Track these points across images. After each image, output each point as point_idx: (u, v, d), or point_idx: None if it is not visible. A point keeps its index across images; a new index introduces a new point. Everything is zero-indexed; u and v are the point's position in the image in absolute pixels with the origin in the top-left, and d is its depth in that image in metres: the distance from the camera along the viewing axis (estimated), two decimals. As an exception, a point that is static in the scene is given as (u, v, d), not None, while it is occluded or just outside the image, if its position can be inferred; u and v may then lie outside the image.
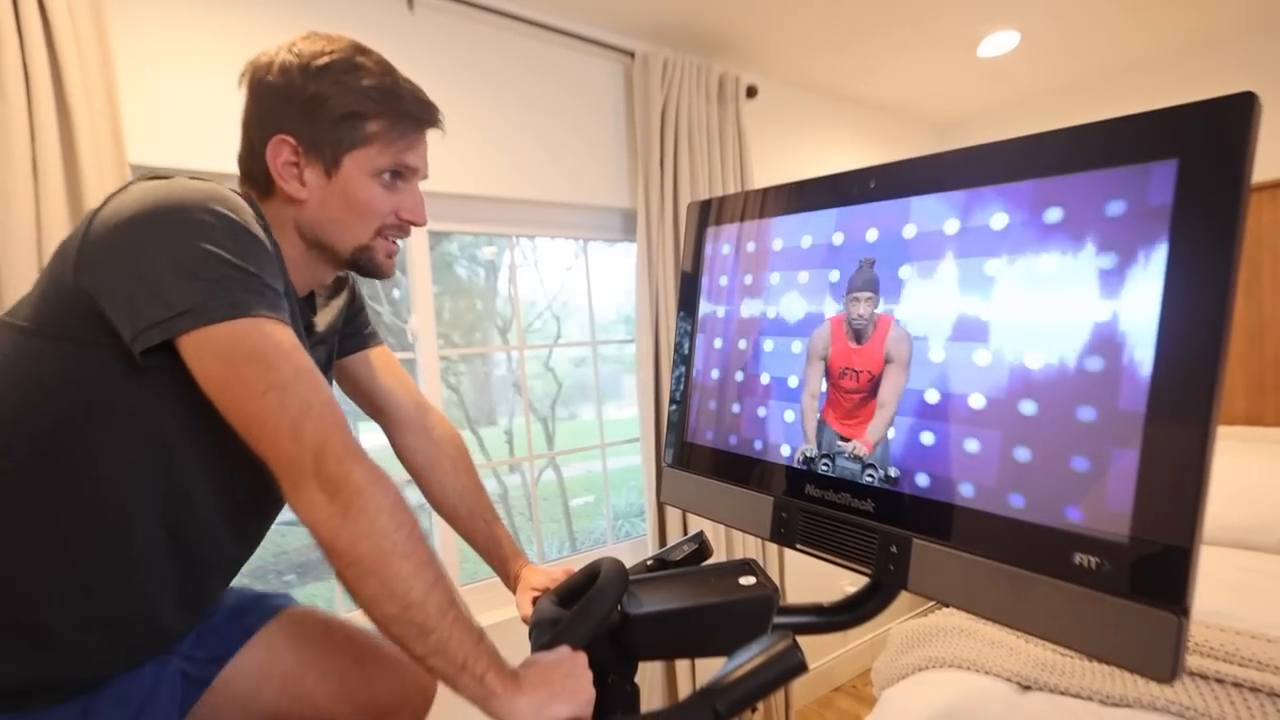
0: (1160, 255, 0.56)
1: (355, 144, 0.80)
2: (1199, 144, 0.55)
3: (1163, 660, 0.51)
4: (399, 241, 0.88)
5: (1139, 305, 0.58)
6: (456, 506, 1.09)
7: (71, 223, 1.24)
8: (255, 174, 0.82)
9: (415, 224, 0.86)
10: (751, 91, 2.32)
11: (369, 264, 0.86)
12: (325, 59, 0.79)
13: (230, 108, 1.50)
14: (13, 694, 0.70)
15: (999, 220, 0.69)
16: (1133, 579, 0.54)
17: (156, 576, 0.75)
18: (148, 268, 0.64)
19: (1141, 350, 0.56)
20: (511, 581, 1.06)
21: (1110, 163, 0.61)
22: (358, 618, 0.77)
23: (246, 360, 0.64)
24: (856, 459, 0.80)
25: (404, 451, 1.10)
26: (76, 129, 1.22)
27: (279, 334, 0.66)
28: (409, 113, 0.83)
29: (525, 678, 0.69)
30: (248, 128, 0.82)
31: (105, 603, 0.72)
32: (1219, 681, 1.17)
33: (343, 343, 1.04)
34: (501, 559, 1.07)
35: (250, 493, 0.80)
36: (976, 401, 0.69)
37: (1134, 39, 2.38)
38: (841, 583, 2.62)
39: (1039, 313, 0.65)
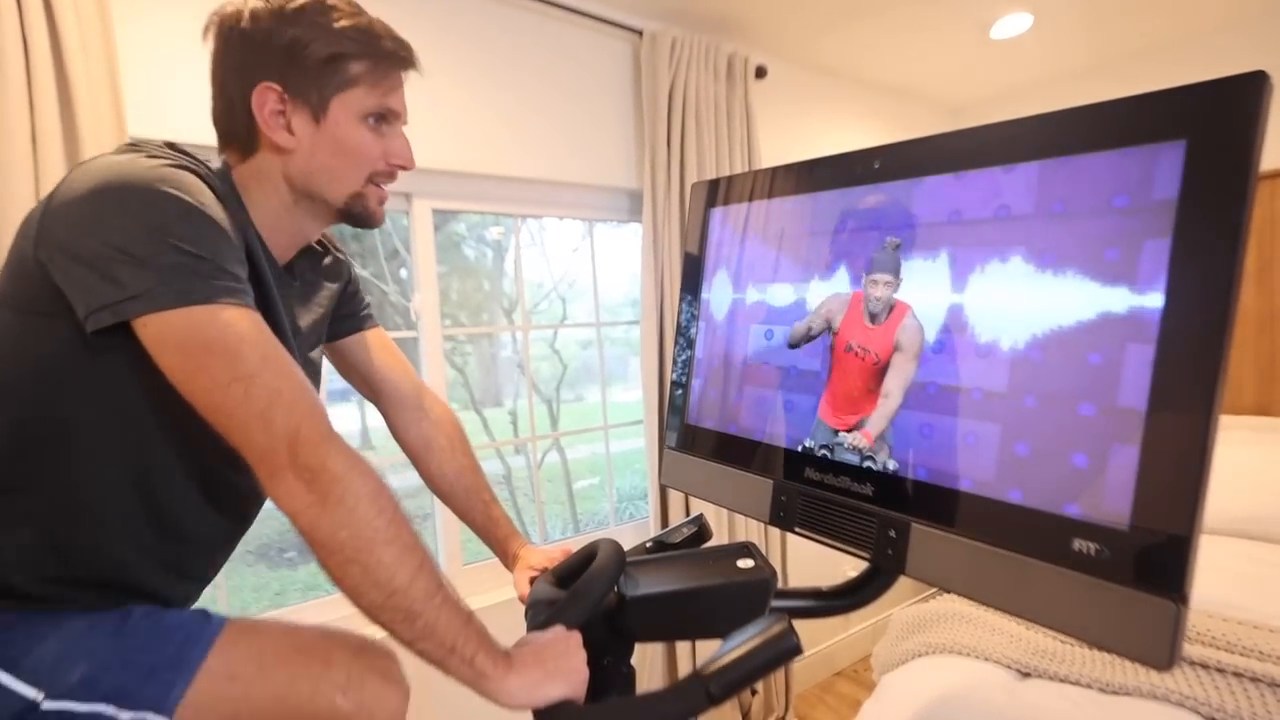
0: (1164, 240, 0.55)
1: (341, 87, 0.77)
2: (1207, 124, 0.54)
3: (1160, 648, 0.50)
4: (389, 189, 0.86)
5: (1142, 294, 0.56)
6: (454, 486, 1.09)
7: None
8: (236, 130, 0.79)
9: (404, 168, 0.85)
10: (760, 72, 2.29)
11: (363, 212, 0.84)
12: (298, 2, 0.76)
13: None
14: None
15: (1002, 206, 0.68)
16: (1132, 566, 0.54)
17: (135, 548, 0.74)
18: (99, 247, 0.62)
19: (1143, 344, 0.55)
20: (509, 561, 1.06)
21: (1116, 143, 0.60)
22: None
23: (206, 351, 0.63)
24: (856, 450, 0.79)
25: (400, 433, 1.10)
26: (76, 101, 1.21)
27: (239, 321, 0.64)
28: (389, 52, 0.80)
29: (517, 658, 0.69)
30: (222, 82, 0.79)
31: (84, 571, 0.72)
32: (1220, 671, 1.17)
33: (340, 324, 1.03)
34: (499, 539, 1.07)
35: (225, 465, 0.78)
36: (976, 395, 0.68)
37: (1150, 21, 2.33)
38: (844, 567, 2.63)
39: (1041, 304, 0.64)
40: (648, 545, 1.00)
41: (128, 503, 0.72)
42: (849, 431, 0.81)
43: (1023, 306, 0.65)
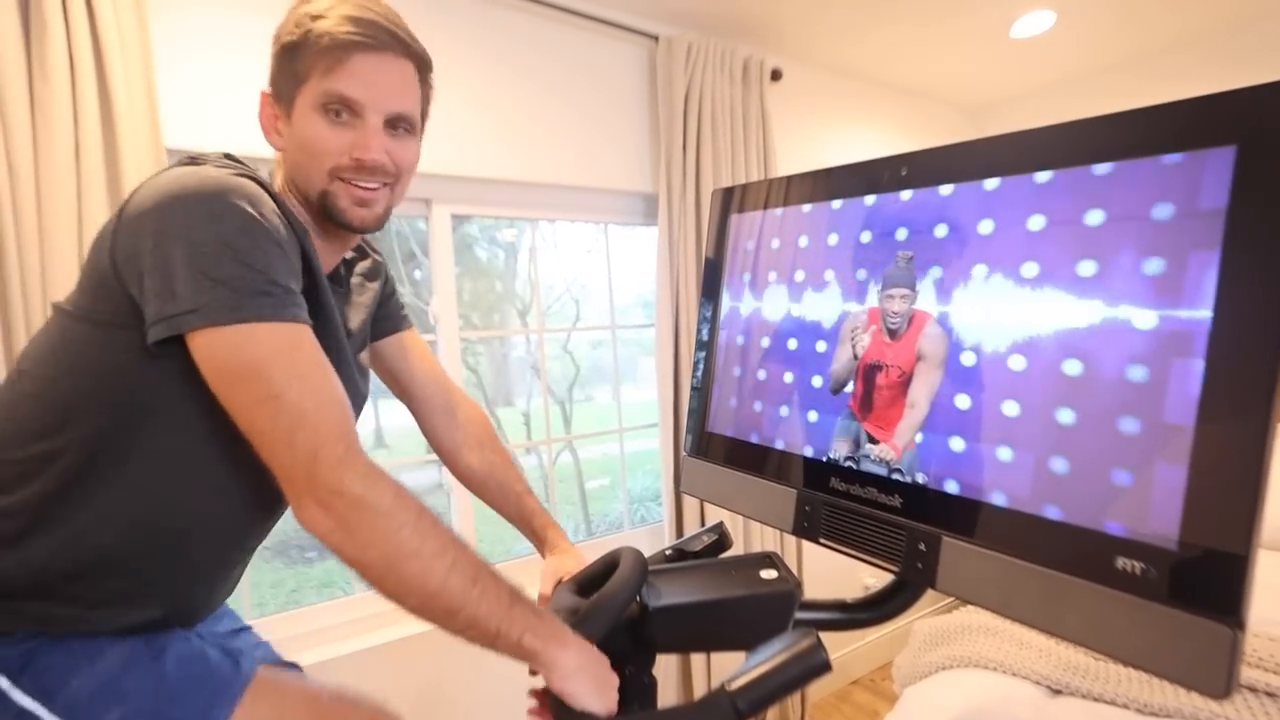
0: (1213, 251, 0.53)
1: (299, 78, 0.75)
2: (1260, 130, 0.52)
3: (1216, 675, 0.48)
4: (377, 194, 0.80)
5: (1188, 307, 0.54)
6: (485, 482, 1.10)
7: (110, 204, 1.26)
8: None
9: (363, 161, 0.76)
10: (776, 75, 2.27)
11: (334, 211, 0.78)
12: (293, 3, 0.77)
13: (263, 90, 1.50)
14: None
15: (1038, 215, 0.66)
16: (1182, 587, 0.52)
17: (181, 560, 0.76)
18: (164, 259, 0.63)
19: (1190, 358, 0.53)
20: (545, 549, 1.07)
21: (1161, 149, 0.57)
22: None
23: (242, 371, 0.64)
24: (883, 463, 0.77)
25: (431, 434, 1.10)
26: (117, 113, 1.24)
27: (276, 338, 0.65)
28: (336, 36, 0.73)
29: (570, 639, 0.70)
30: None
31: (128, 585, 0.73)
32: (1271, 696, 1.10)
33: (378, 325, 1.04)
34: (535, 529, 1.08)
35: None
36: (1010, 409, 0.65)
37: (1176, 17, 2.29)
38: (861, 575, 2.60)
39: (1077, 316, 0.61)
40: (667, 553, 0.98)
41: (180, 516, 0.74)
42: (874, 444, 0.79)
43: (1057, 318, 0.63)
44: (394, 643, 1.61)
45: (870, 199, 0.83)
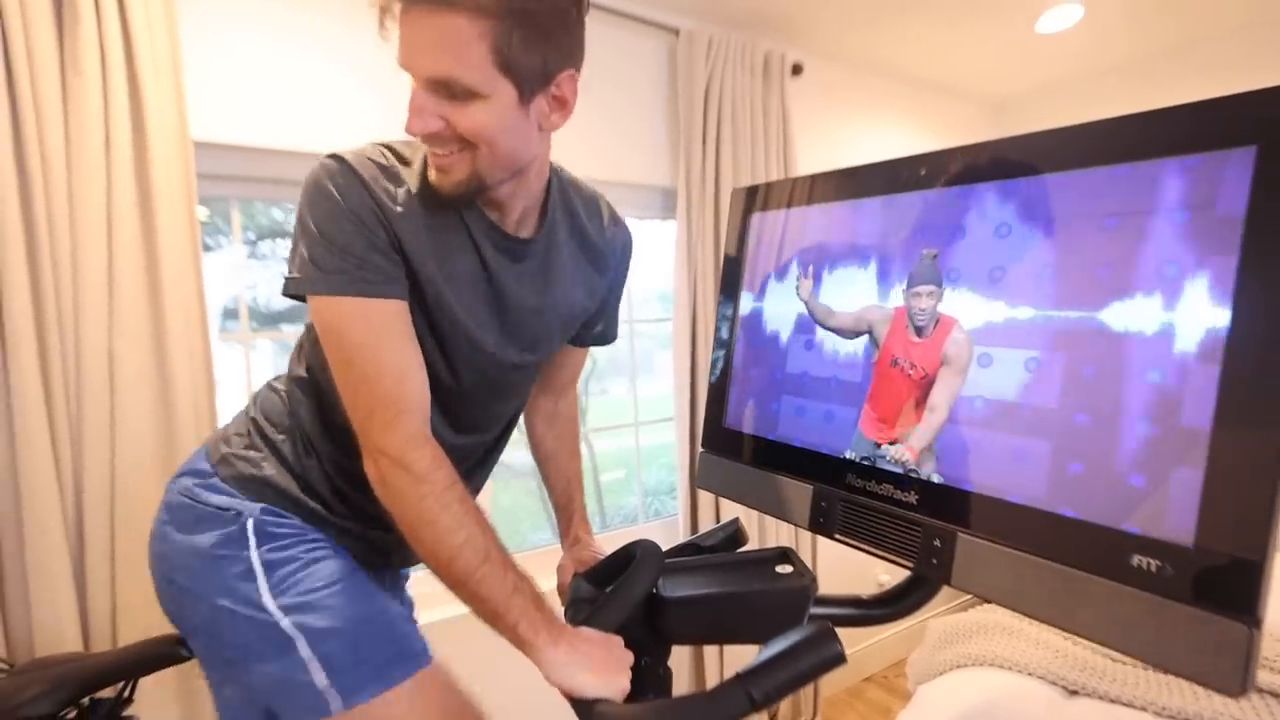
0: (1231, 255, 0.52)
1: None
2: (1281, 129, 0.51)
3: (1232, 672, 0.48)
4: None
5: (1206, 311, 0.54)
6: (550, 456, 1.18)
7: (138, 194, 1.28)
8: None
9: (409, 131, 0.74)
10: (797, 69, 2.26)
11: (429, 178, 0.79)
12: None
13: (286, 86, 1.52)
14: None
15: (1058, 215, 0.66)
16: (1199, 585, 0.52)
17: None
18: (295, 231, 0.79)
19: (1207, 363, 0.53)
20: (569, 542, 1.12)
21: (1181, 150, 0.57)
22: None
23: (325, 337, 0.78)
24: (899, 463, 0.77)
25: (530, 410, 1.16)
26: (146, 105, 1.26)
27: (352, 313, 0.75)
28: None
29: (567, 636, 0.72)
30: None
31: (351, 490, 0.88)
32: None
33: (579, 333, 1.08)
34: (569, 519, 1.15)
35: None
36: (1026, 412, 0.65)
37: (1206, 11, 2.25)
38: (876, 572, 2.59)
39: (1094, 318, 0.61)
40: (683, 548, 0.99)
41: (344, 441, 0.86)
42: (891, 445, 0.79)
43: (1075, 321, 0.63)
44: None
45: (891, 198, 0.83)
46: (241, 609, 0.80)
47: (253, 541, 0.83)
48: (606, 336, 1.14)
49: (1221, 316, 0.53)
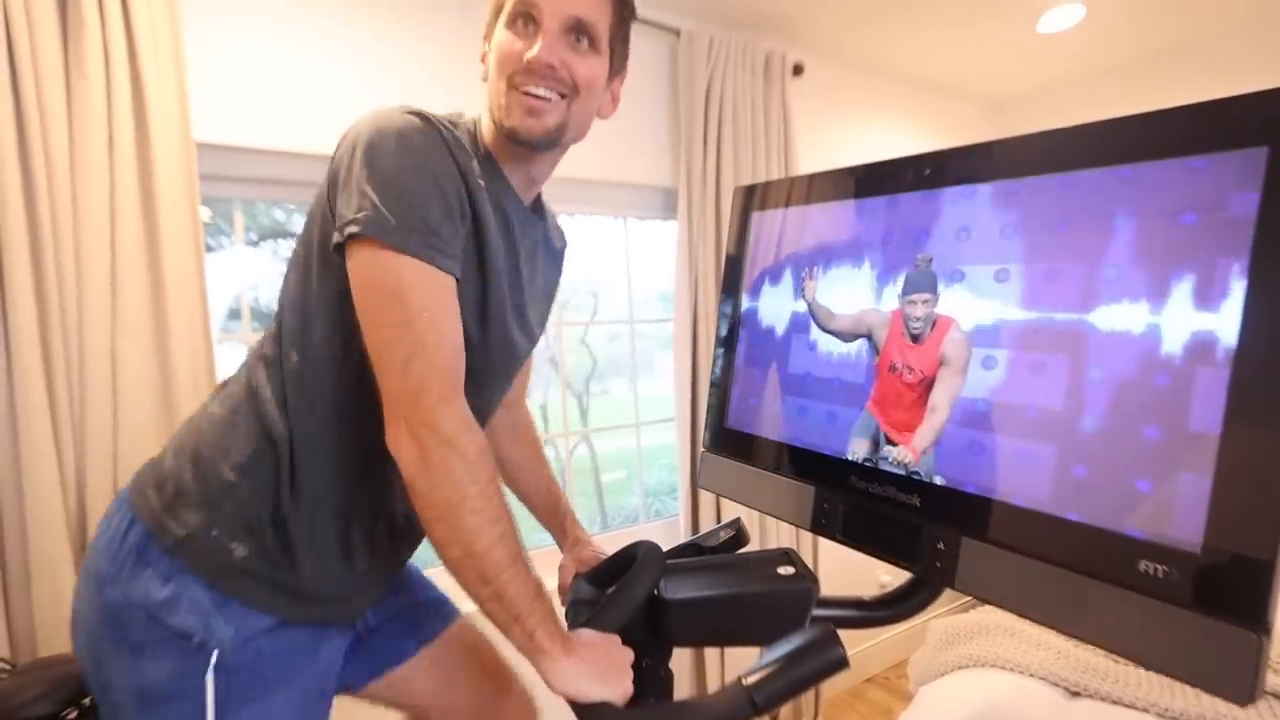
0: (1242, 258, 0.52)
1: (499, 3, 0.81)
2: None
3: (1241, 680, 0.48)
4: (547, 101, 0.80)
5: (1215, 315, 0.53)
6: (521, 469, 1.16)
7: (141, 196, 1.28)
8: None
9: (533, 63, 0.77)
10: (798, 69, 2.26)
11: (505, 120, 0.80)
12: None
13: (289, 87, 1.52)
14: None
15: (1060, 217, 0.65)
16: (1206, 592, 0.51)
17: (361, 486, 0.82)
18: (354, 177, 0.71)
19: (1216, 368, 0.52)
20: (567, 544, 1.11)
21: (1190, 150, 0.57)
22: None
23: (381, 291, 0.70)
24: (902, 465, 0.77)
25: (491, 434, 1.14)
26: (149, 107, 1.26)
27: (417, 273, 0.70)
28: None
29: (577, 645, 0.71)
30: None
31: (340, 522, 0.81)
32: None
33: None
34: (558, 521, 1.14)
35: None
36: (1030, 414, 0.65)
37: (1207, 11, 2.24)
38: (878, 573, 2.59)
39: (1100, 322, 0.61)
40: (684, 548, 0.99)
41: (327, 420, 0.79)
42: (893, 445, 0.79)
43: (1080, 324, 0.62)
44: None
45: (892, 198, 0.83)
46: None
47: (210, 688, 0.72)
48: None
49: (1231, 320, 0.52)
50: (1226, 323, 0.53)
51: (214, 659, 0.73)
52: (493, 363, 0.87)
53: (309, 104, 1.51)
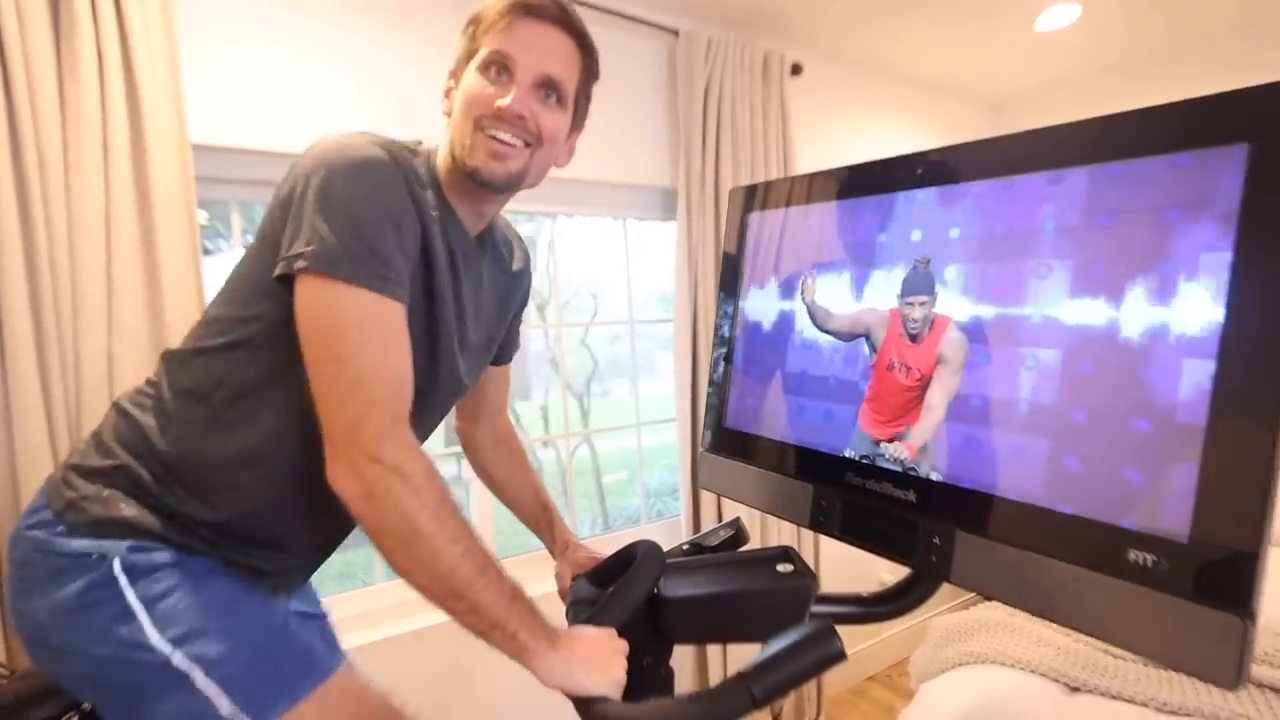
0: (1225, 252, 0.53)
1: (473, 50, 0.83)
2: (1273, 127, 0.51)
3: (1227, 665, 0.49)
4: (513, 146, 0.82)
5: (1200, 308, 0.54)
6: (507, 477, 1.16)
7: (136, 199, 1.28)
8: None
9: (503, 110, 0.80)
10: (796, 69, 2.26)
11: (468, 161, 0.81)
12: None
13: (285, 89, 1.52)
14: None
15: (1051, 214, 0.66)
16: (1194, 579, 0.52)
17: (286, 498, 0.81)
18: (303, 207, 0.71)
19: (1202, 359, 0.53)
20: (559, 548, 1.11)
21: (1174, 147, 0.57)
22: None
23: (322, 324, 0.70)
24: (898, 462, 0.78)
25: (462, 428, 1.16)
26: (144, 109, 1.26)
27: (362, 305, 0.70)
28: (503, 4, 0.81)
29: (562, 639, 0.71)
30: None
31: (251, 516, 0.80)
32: None
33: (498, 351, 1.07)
34: (549, 526, 1.13)
35: None
36: (1023, 409, 0.66)
37: (1203, 10, 2.25)
38: (878, 570, 2.59)
39: (1089, 317, 0.61)
40: (684, 548, 0.99)
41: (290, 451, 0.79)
42: (890, 442, 0.79)
43: (1070, 319, 0.63)
44: (412, 633, 1.64)
45: (888, 197, 0.83)
46: (126, 653, 0.72)
47: (123, 580, 0.74)
48: (510, 352, 1.13)
49: (1215, 313, 0.53)
50: (1211, 316, 0.53)
51: (117, 565, 0.74)
52: (439, 391, 0.88)
53: (306, 105, 1.51)
